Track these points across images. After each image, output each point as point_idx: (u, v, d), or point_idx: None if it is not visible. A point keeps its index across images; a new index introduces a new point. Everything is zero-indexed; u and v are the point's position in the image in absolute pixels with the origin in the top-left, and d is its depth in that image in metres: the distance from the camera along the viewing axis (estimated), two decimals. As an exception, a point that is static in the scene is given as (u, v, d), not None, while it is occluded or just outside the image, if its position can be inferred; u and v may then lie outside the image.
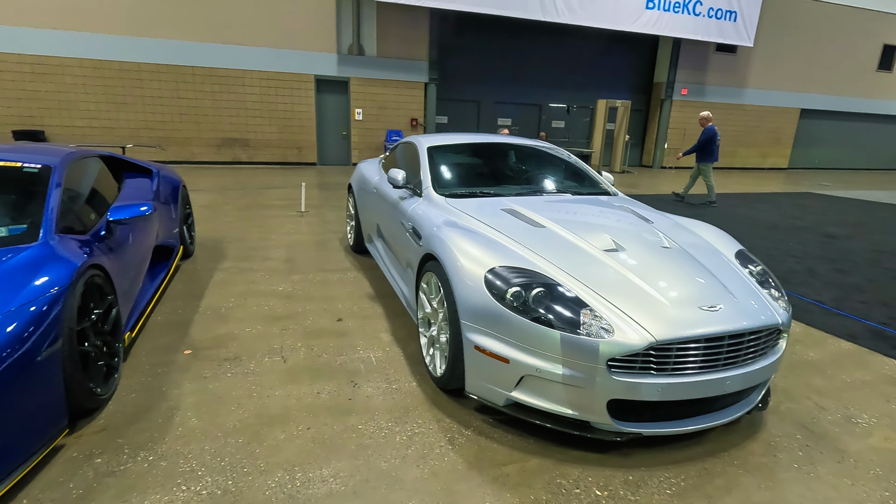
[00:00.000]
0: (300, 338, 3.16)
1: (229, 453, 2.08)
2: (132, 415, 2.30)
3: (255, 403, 2.44)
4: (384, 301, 3.83)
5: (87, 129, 11.08)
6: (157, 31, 11.00)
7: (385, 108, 13.25)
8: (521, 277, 2.20)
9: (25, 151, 2.90)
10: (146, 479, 1.92)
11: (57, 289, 2.05)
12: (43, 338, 1.91)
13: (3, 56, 10.25)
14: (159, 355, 2.85)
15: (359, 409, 2.43)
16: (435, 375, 2.60)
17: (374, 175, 4.49)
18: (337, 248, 5.26)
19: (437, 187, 3.32)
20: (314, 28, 12.07)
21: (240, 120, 12.13)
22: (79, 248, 2.40)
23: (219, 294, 3.82)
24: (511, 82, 14.85)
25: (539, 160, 4.01)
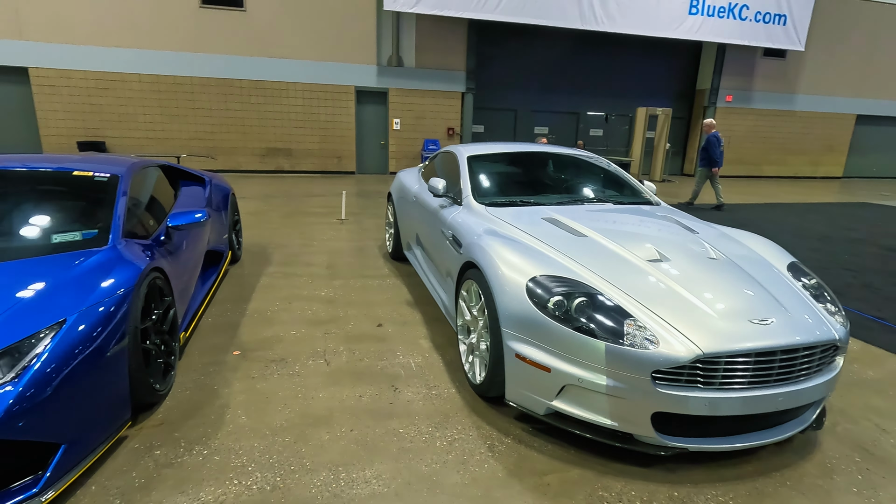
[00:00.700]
0: (342, 342, 3.24)
1: (277, 451, 2.16)
2: (187, 410, 2.43)
3: (300, 404, 2.53)
4: (422, 308, 3.88)
5: (143, 140, 11.74)
6: (208, 46, 11.58)
7: (422, 117, 13.45)
8: (562, 286, 2.20)
9: (95, 161, 3.13)
10: (201, 472, 2.02)
11: (123, 290, 2.20)
12: (111, 335, 2.05)
13: (71, 73, 11.03)
14: (211, 355, 2.99)
15: (400, 413, 2.47)
16: (474, 382, 2.62)
17: (414, 184, 4.58)
18: (376, 254, 5.37)
19: (476, 196, 3.36)
20: (355, 41, 12.42)
21: (283, 130, 12.57)
22: (142, 252, 2.57)
23: (265, 298, 3.97)
24: (548, 91, 14.79)
25: (579, 169, 3.99)
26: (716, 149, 9.09)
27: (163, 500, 1.87)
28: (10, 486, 1.71)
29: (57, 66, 10.93)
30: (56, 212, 2.64)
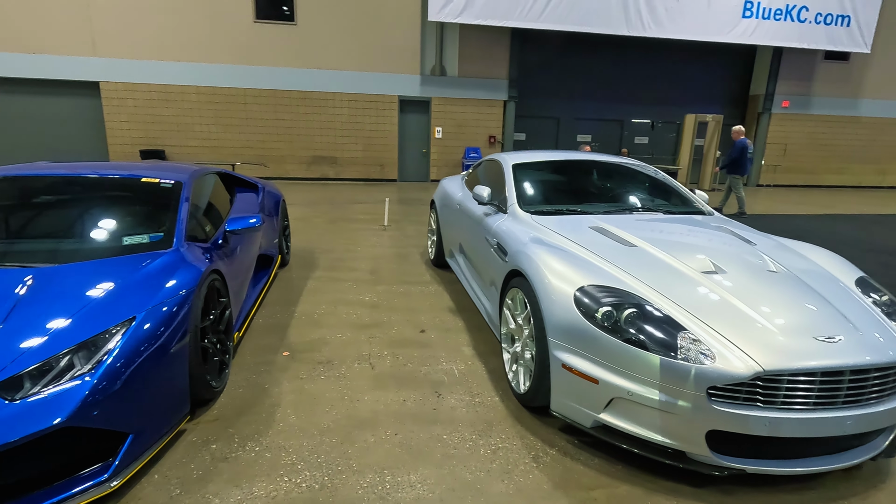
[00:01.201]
0: (386, 346, 3.29)
1: (325, 451, 2.22)
2: (240, 407, 2.53)
3: (346, 406, 2.58)
4: (465, 315, 3.89)
5: (199, 149, 12.38)
6: (260, 59, 12.11)
7: (464, 125, 13.53)
8: (611, 297, 2.16)
9: (161, 169, 3.33)
10: (254, 468, 2.09)
11: (185, 291, 2.33)
12: (174, 333, 2.17)
13: (136, 86, 11.79)
14: (261, 355, 3.11)
15: (443, 420, 2.48)
16: (518, 392, 2.60)
17: (458, 192, 4.61)
18: (418, 261, 5.43)
19: (522, 204, 3.35)
20: (400, 52, 12.67)
21: (329, 139, 12.95)
22: (202, 254, 2.71)
23: (311, 301, 4.09)
24: (591, 98, 14.58)
25: (626, 177, 3.91)
26: (745, 156, 9.07)
27: (218, 492, 1.95)
28: (80, 472, 1.83)
29: (124, 80, 11.71)
30: (126, 216, 2.83)
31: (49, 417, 1.69)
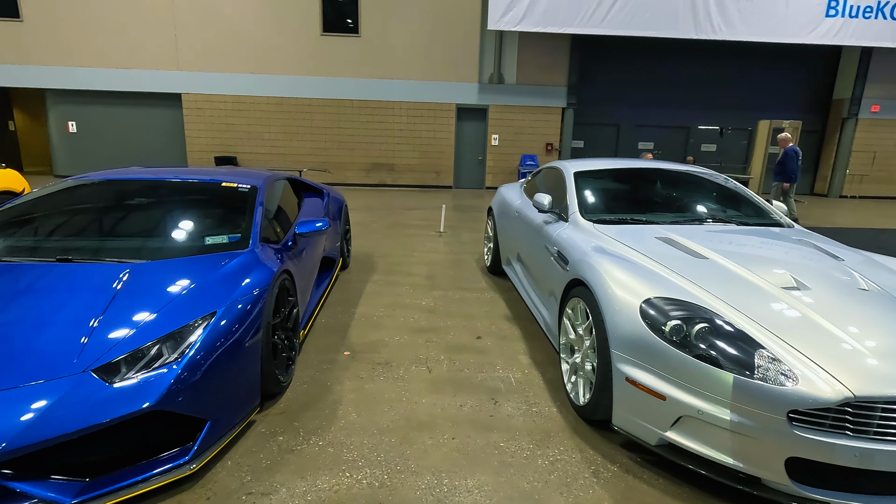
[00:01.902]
0: (443, 351, 3.33)
1: (384, 450, 2.27)
2: (305, 403, 2.64)
3: (404, 407, 2.63)
4: (521, 323, 3.86)
5: (267, 156, 13.08)
6: (325, 70, 12.65)
7: (521, 133, 13.47)
8: (680, 310, 2.08)
9: (237, 174, 3.56)
10: (317, 461, 2.18)
11: (259, 289, 2.47)
12: (249, 328, 2.31)
13: (213, 97, 12.65)
14: (324, 353, 3.23)
15: (500, 427, 2.47)
16: (577, 404, 2.55)
17: (516, 199, 4.60)
18: (473, 268, 5.45)
19: (584, 212, 3.29)
20: (458, 61, 12.83)
21: (387, 146, 13.30)
22: (274, 255, 2.86)
23: (371, 303, 4.20)
24: (655, 104, 14.08)
25: (695, 186, 3.74)
26: (794, 163, 8.70)
27: (285, 482, 2.05)
28: (161, 455, 1.97)
29: (202, 92, 12.60)
30: (208, 217, 3.05)
31: (140, 401, 1.85)
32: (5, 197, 5.00)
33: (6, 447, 1.64)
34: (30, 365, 1.86)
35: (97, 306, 2.13)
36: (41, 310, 2.10)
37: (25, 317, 2.06)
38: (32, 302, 2.15)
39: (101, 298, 2.18)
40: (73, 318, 2.06)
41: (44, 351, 1.91)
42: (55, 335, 1.98)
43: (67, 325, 2.03)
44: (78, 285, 2.26)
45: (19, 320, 2.04)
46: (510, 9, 11.71)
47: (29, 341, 1.94)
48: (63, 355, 1.90)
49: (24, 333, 1.98)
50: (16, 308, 2.10)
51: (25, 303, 2.14)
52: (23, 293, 2.20)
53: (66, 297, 2.18)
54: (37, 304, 2.14)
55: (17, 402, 1.74)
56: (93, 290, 2.22)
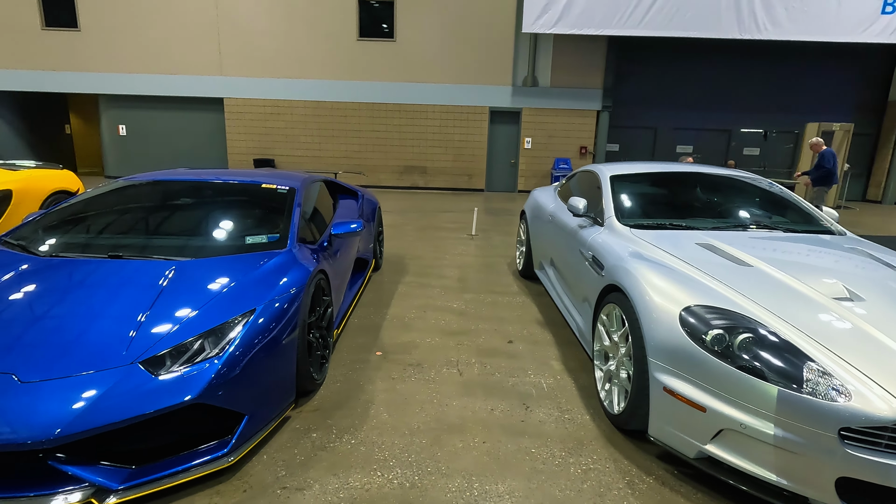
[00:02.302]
0: (474, 354, 3.32)
1: (415, 451, 2.28)
2: (337, 401, 2.68)
3: (435, 409, 2.64)
4: (553, 329, 3.81)
5: (303, 158, 13.39)
6: (361, 75, 12.87)
7: (554, 136, 13.32)
8: (723, 319, 2.00)
9: (276, 176, 3.65)
10: (349, 459, 2.21)
11: (296, 288, 2.52)
12: (286, 326, 2.36)
13: (253, 101, 13.06)
14: (357, 353, 3.27)
15: (531, 433, 2.45)
16: (611, 412, 2.49)
17: (550, 203, 4.55)
18: (505, 271, 5.42)
19: (620, 217, 3.22)
20: (492, 64, 12.81)
21: (420, 149, 13.39)
22: (310, 255, 2.92)
23: (402, 305, 4.24)
24: (694, 107, 13.67)
25: (738, 191, 3.61)
26: (834, 165, 8.36)
27: (318, 478, 2.08)
28: (200, 447, 2.03)
29: (243, 96, 13.02)
30: (248, 217, 3.14)
31: (183, 393, 1.92)
32: (61, 196, 5.30)
33: (61, 433, 1.73)
34: (82, 355, 1.95)
35: (145, 301, 2.22)
36: (93, 303, 2.21)
37: (79, 309, 2.17)
38: (85, 296, 2.26)
39: (149, 294, 2.27)
40: (122, 312, 2.16)
41: (95, 343, 2.01)
42: (106, 328, 2.08)
43: (117, 318, 2.13)
44: (127, 281, 2.37)
45: (73, 313, 2.15)
46: (545, 11, 11.62)
47: (82, 333, 2.05)
48: (113, 347, 1.99)
49: (78, 325, 2.08)
50: (70, 301, 2.22)
51: (79, 296, 2.25)
52: (76, 287, 2.32)
53: (116, 292, 2.28)
54: (89, 297, 2.25)
55: (72, 390, 1.83)
56: (141, 286, 2.32)
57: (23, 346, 1.96)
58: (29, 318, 2.10)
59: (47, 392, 1.82)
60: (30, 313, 2.13)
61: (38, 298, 2.23)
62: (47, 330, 2.05)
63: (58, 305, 2.19)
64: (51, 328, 2.06)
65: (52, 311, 2.15)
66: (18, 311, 2.15)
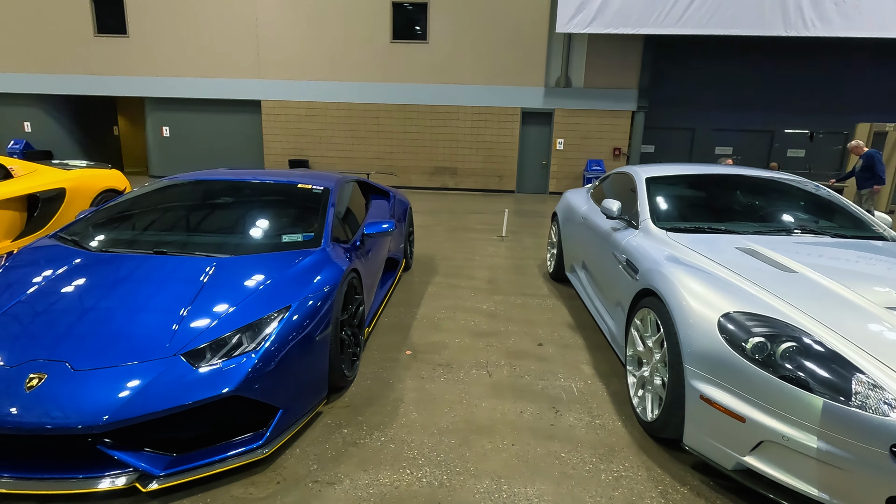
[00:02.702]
0: (503, 356, 3.31)
1: (444, 451, 2.29)
2: (368, 398, 2.72)
3: (464, 410, 2.64)
4: (584, 332, 3.75)
5: (336, 159, 13.63)
6: (394, 76, 13.00)
7: (587, 137, 13.13)
8: (764, 327, 1.93)
9: (311, 176, 3.74)
10: (379, 456, 2.23)
11: (330, 286, 2.58)
12: (319, 323, 2.41)
13: (289, 104, 13.38)
14: (387, 352, 3.31)
15: (561, 437, 2.42)
16: (644, 419, 2.44)
17: (582, 205, 4.48)
18: (535, 273, 5.37)
19: (656, 220, 3.15)
20: (525, 65, 12.73)
21: (450, 151, 13.43)
22: (344, 254, 2.98)
23: (432, 305, 4.26)
24: (735, 106, 13.21)
25: (782, 194, 3.47)
26: (880, 166, 8.08)
27: (349, 473, 2.11)
28: (235, 439, 2.09)
29: (279, 98, 13.36)
30: (284, 216, 3.23)
31: (221, 386, 1.98)
32: (110, 194, 5.56)
33: (109, 419, 1.82)
34: (129, 346, 2.05)
35: (187, 296, 2.31)
36: (139, 297, 2.31)
37: (125, 302, 2.27)
38: (131, 289, 2.37)
39: (190, 289, 2.36)
40: (165, 305, 2.26)
41: (140, 335, 2.10)
42: (150, 321, 2.17)
43: (161, 312, 2.22)
44: (170, 276, 2.47)
45: (120, 305, 2.25)
46: (580, 10, 11.47)
47: (128, 325, 2.15)
48: (157, 340, 2.08)
49: (125, 317, 2.19)
50: (117, 294, 2.33)
51: (125, 290, 2.36)
52: (123, 281, 2.43)
53: (160, 287, 2.38)
54: (135, 291, 2.36)
55: (119, 379, 1.93)
56: (183, 282, 2.42)
57: (75, 336, 2.08)
58: (80, 310, 2.22)
59: (97, 380, 1.91)
60: (81, 305, 2.25)
61: (88, 291, 2.35)
62: (97, 321, 2.15)
63: (106, 298, 2.30)
64: (100, 319, 2.16)
65: (101, 303, 2.27)
66: (71, 302, 2.27)
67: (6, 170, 4.65)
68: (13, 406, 1.83)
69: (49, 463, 1.89)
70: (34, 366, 1.94)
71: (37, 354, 1.98)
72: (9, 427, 1.79)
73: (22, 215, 4.64)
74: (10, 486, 1.82)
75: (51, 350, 2.00)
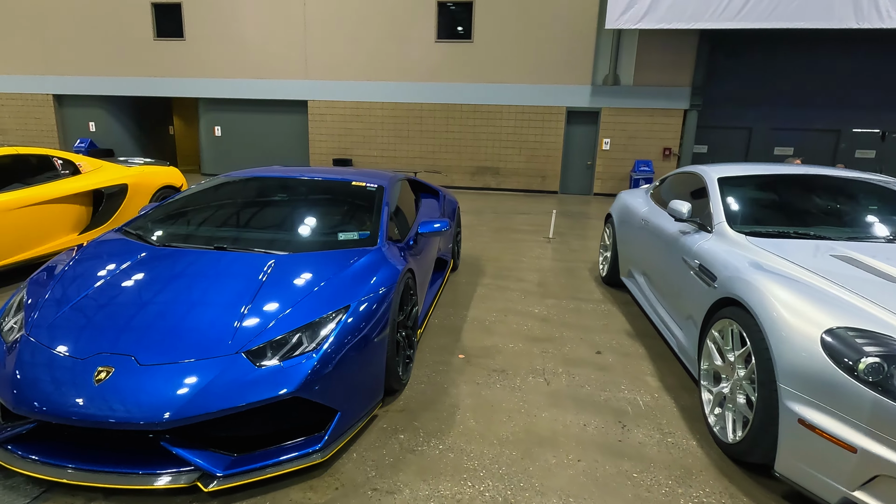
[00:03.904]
0: (560, 363, 3.15)
1: (506, 463, 2.17)
2: (423, 403, 2.63)
3: (524, 419, 2.51)
4: (645, 341, 3.54)
5: (379, 158, 13.72)
6: (438, 76, 12.96)
7: (635, 137, 12.67)
8: (878, 346, 1.71)
9: (365, 174, 3.69)
10: (438, 466, 2.14)
11: (387, 287, 2.50)
12: (377, 324, 2.34)
13: (335, 104, 13.57)
14: (439, 354, 3.22)
15: (631, 455, 2.25)
16: (724, 440, 2.24)
17: (642, 206, 4.26)
18: (586, 277, 5.16)
19: (731, 223, 2.92)
20: (571, 63, 12.41)
21: (493, 150, 13.26)
22: (399, 254, 2.90)
23: (482, 307, 4.14)
24: (796, 105, 12.44)
25: (877, 197, 3.16)
26: None
27: (409, 482, 2.03)
28: (288, 442, 2.03)
29: (326, 99, 13.57)
30: (339, 214, 3.19)
31: (282, 386, 1.93)
32: (169, 191, 5.74)
33: (172, 416, 1.80)
34: (192, 342, 2.03)
35: (247, 293, 2.29)
36: (200, 292, 2.30)
37: (187, 297, 2.27)
38: (193, 284, 2.36)
39: (251, 286, 2.34)
40: (226, 302, 2.23)
41: (203, 331, 2.08)
42: (212, 317, 2.15)
43: (223, 308, 2.20)
44: (230, 272, 2.46)
45: (182, 300, 2.24)
46: (632, 5, 11.06)
47: (191, 321, 2.13)
48: (220, 337, 2.06)
49: (187, 313, 2.17)
50: (178, 288, 2.32)
51: (187, 285, 2.36)
52: (184, 276, 2.43)
53: (221, 283, 2.37)
54: (196, 286, 2.35)
55: (183, 375, 1.91)
56: (243, 278, 2.40)
57: (140, 330, 2.08)
58: (144, 304, 2.23)
59: (162, 375, 1.90)
60: (145, 299, 2.26)
61: (151, 285, 2.36)
62: (160, 315, 2.15)
63: (168, 292, 2.30)
64: (163, 314, 2.16)
65: (163, 297, 2.27)
66: (135, 296, 2.28)
67: (75, 166, 4.85)
68: (82, 398, 1.84)
69: (110, 456, 1.88)
70: (102, 359, 1.95)
71: (104, 347, 1.99)
72: (77, 419, 1.80)
73: (88, 210, 4.83)
74: (76, 477, 1.82)
75: (117, 344, 2.01)
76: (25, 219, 4.16)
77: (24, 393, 1.87)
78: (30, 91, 14.87)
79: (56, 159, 4.76)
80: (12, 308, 2.30)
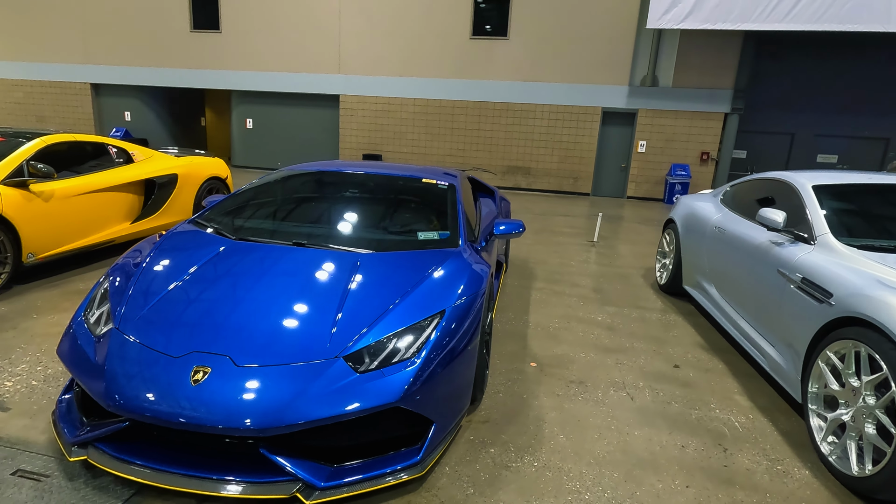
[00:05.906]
0: (639, 377, 2.99)
1: (609, 486, 2.02)
2: (505, 414, 2.50)
3: (616, 437, 2.36)
4: (724, 356, 3.36)
5: (409, 154, 13.62)
6: (472, 73, 12.80)
7: (672, 140, 12.36)
8: None
9: (431, 171, 3.56)
10: (538, 485, 2.00)
11: (476, 290, 2.36)
12: (468, 330, 2.20)
13: (366, 98, 13.50)
14: (510, 362, 3.08)
15: (742, 484, 2.09)
16: (846, 472, 2.06)
17: (713, 212, 4.06)
18: (642, 284, 4.98)
19: (837, 235, 2.72)
20: (609, 63, 12.15)
21: (525, 150, 13.06)
22: (478, 256, 2.77)
23: (542, 313, 3.99)
24: (842, 111, 12.01)
25: None
26: None
27: (511, 502, 1.90)
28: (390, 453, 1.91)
29: (357, 94, 13.50)
30: (415, 212, 3.07)
31: (385, 395, 1.81)
32: (214, 182, 5.69)
33: (275, 423, 1.69)
34: (288, 344, 1.92)
35: (337, 293, 2.18)
36: (289, 290, 2.19)
37: (277, 295, 2.15)
38: (279, 282, 2.25)
39: (340, 286, 2.23)
40: (318, 302, 2.12)
41: (299, 332, 1.97)
42: (306, 317, 2.04)
43: (315, 308, 2.09)
44: (317, 270, 2.34)
45: (272, 298, 2.13)
46: (675, 4, 10.76)
47: (284, 320, 2.02)
48: (317, 339, 1.94)
49: (278, 312, 2.06)
50: (265, 286, 2.21)
51: (273, 282, 2.24)
52: (269, 273, 2.31)
53: (309, 281, 2.26)
54: (283, 284, 2.23)
55: (282, 378, 1.80)
56: (331, 277, 2.29)
57: (232, 328, 1.98)
58: (233, 300, 2.13)
59: (261, 378, 1.80)
60: (233, 295, 2.16)
61: (238, 280, 2.26)
62: (252, 314, 2.05)
63: (256, 289, 2.20)
64: (255, 312, 2.06)
65: (253, 294, 2.16)
66: (222, 291, 2.18)
67: (128, 154, 4.82)
68: (179, 399, 1.74)
69: (200, 460, 1.78)
70: (197, 357, 1.85)
71: (198, 346, 1.90)
72: (177, 421, 1.70)
73: (140, 199, 4.80)
74: (170, 481, 1.73)
75: (211, 342, 1.91)
76: (84, 206, 4.13)
77: (119, 390, 1.78)
78: (68, 79, 15.09)
79: (111, 147, 4.73)
80: (95, 299, 2.23)
